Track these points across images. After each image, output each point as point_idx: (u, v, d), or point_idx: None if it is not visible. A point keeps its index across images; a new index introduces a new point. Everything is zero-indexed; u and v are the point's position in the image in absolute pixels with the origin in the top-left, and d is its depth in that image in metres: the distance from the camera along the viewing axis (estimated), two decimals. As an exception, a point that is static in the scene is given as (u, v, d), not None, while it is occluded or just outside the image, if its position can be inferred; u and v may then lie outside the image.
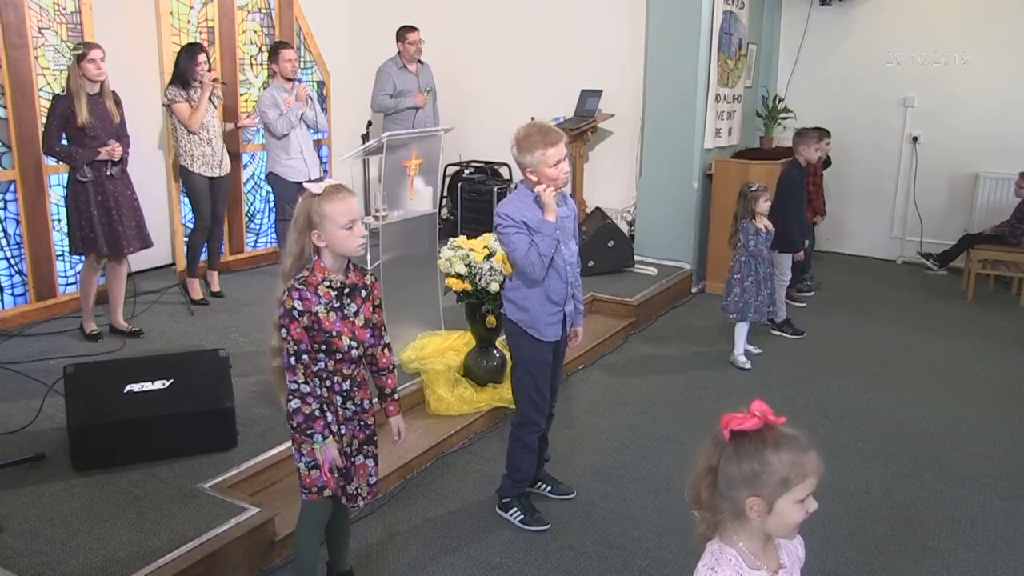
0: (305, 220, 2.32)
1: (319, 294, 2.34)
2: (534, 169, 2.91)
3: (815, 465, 1.50)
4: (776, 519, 1.51)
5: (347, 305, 2.39)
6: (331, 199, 2.29)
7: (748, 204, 4.86)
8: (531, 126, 2.95)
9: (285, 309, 2.32)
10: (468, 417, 4.04)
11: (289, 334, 2.33)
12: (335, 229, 2.29)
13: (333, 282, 2.37)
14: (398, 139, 4.46)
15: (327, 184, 2.33)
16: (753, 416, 1.50)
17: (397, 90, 6.68)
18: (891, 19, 7.34)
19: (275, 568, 2.95)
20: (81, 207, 4.47)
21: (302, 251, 2.36)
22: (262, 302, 5.56)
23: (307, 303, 2.32)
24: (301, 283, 2.32)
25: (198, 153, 5.30)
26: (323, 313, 2.33)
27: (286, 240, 2.41)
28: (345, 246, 2.32)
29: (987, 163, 7.12)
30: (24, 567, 2.64)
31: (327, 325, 2.34)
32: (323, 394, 2.40)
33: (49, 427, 3.57)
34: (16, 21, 4.83)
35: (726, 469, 1.51)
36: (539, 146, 2.87)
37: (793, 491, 1.48)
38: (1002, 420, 4.31)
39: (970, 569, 3.03)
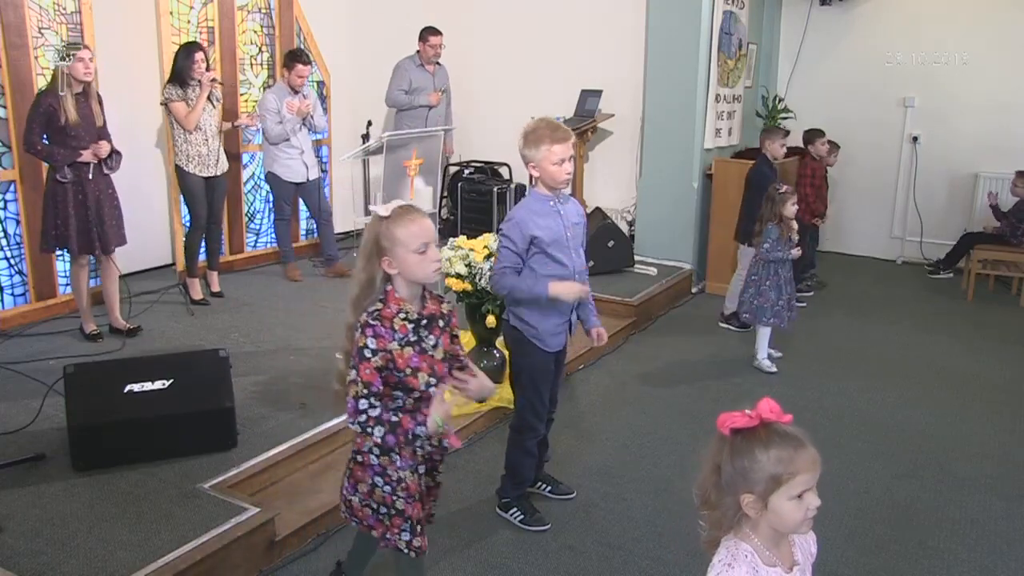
0: (374, 245, 2.12)
1: (394, 328, 2.12)
2: (537, 164, 2.87)
3: (808, 462, 1.50)
4: (774, 516, 1.52)
5: (425, 338, 2.18)
6: (401, 221, 2.10)
7: (775, 207, 4.77)
8: (540, 120, 2.89)
9: (357, 348, 2.10)
10: (468, 417, 4.03)
11: (359, 375, 2.09)
12: (407, 254, 2.10)
13: (410, 313, 2.15)
14: (398, 139, 4.46)
15: (396, 205, 2.13)
16: (745, 414, 1.52)
17: (412, 87, 6.71)
18: (891, 19, 7.34)
19: (275, 568, 2.95)
20: (58, 205, 4.46)
21: (371, 279, 2.15)
22: (262, 302, 5.57)
23: (381, 340, 2.09)
24: (375, 317, 2.11)
25: (194, 153, 5.30)
26: (398, 349, 2.12)
27: (359, 266, 2.19)
28: (419, 272, 2.13)
29: (987, 163, 7.12)
30: (24, 567, 2.64)
31: (401, 363, 2.12)
32: None
33: (49, 427, 3.57)
34: (16, 21, 4.83)
35: (724, 467, 1.54)
36: (545, 140, 2.82)
37: (784, 488, 1.49)
38: (1002, 420, 4.31)
39: (970, 569, 3.03)
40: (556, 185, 2.90)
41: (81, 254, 4.57)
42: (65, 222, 4.46)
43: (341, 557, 2.75)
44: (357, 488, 2.26)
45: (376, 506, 2.24)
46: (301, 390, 4.07)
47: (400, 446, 2.14)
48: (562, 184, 2.90)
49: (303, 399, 3.95)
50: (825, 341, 5.50)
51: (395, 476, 2.21)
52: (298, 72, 5.83)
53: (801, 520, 1.52)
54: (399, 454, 2.19)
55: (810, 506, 1.51)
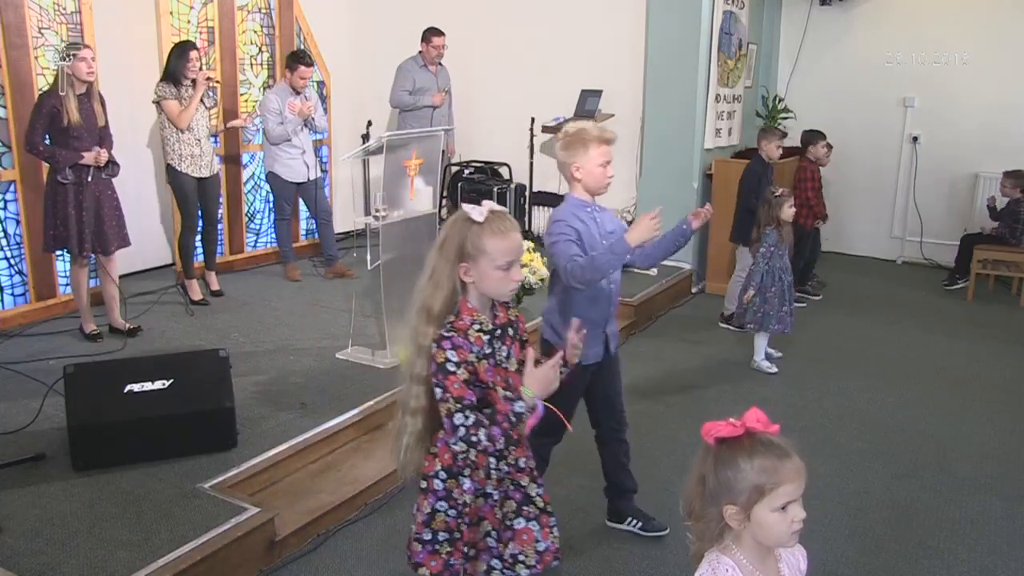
0: (457, 249, 1.96)
1: (470, 339, 1.97)
2: (582, 166, 2.76)
3: (793, 473, 1.46)
4: (757, 528, 1.47)
5: (499, 350, 2.03)
6: (494, 232, 1.93)
7: (772, 211, 4.74)
8: (583, 122, 2.82)
9: (437, 364, 1.94)
10: (468, 417, 4.03)
11: (448, 391, 1.93)
12: (491, 268, 1.94)
13: (484, 324, 2.00)
14: (398, 139, 4.46)
15: (489, 209, 1.96)
16: (729, 423, 1.49)
17: (416, 88, 6.72)
18: (891, 19, 7.34)
19: (275, 568, 2.94)
20: (58, 206, 4.46)
21: (454, 287, 1.99)
22: (262, 302, 5.57)
23: (461, 352, 1.94)
24: (450, 329, 1.96)
25: (186, 153, 5.29)
26: (477, 362, 1.98)
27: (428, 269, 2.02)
28: (497, 288, 1.98)
29: (987, 163, 7.12)
30: (24, 567, 2.64)
31: (482, 376, 1.98)
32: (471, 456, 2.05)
33: (49, 427, 3.56)
34: (16, 21, 4.83)
35: (708, 478, 1.50)
36: (593, 140, 2.73)
37: (768, 499, 1.44)
38: (1002, 420, 4.31)
39: (970, 569, 3.03)
40: (599, 188, 2.81)
41: (81, 254, 4.58)
42: (65, 222, 4.46)
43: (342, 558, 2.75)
44: (415, 518, 2.12)
45: (431, 536, 2.09)
46: (301, 390, 4.07)
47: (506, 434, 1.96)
48: (605, 188, 2.81)
49: (303, 399, 3.95)
50: (825, 341, 5.50)
51: (462, 500, 2.07)
52: (300, 74, 5.84)
53: (785, 533, 1.47)
54: (469, 477, 2.06)
55: (795, 518, 1.47)
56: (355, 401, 3.93)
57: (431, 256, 2.02)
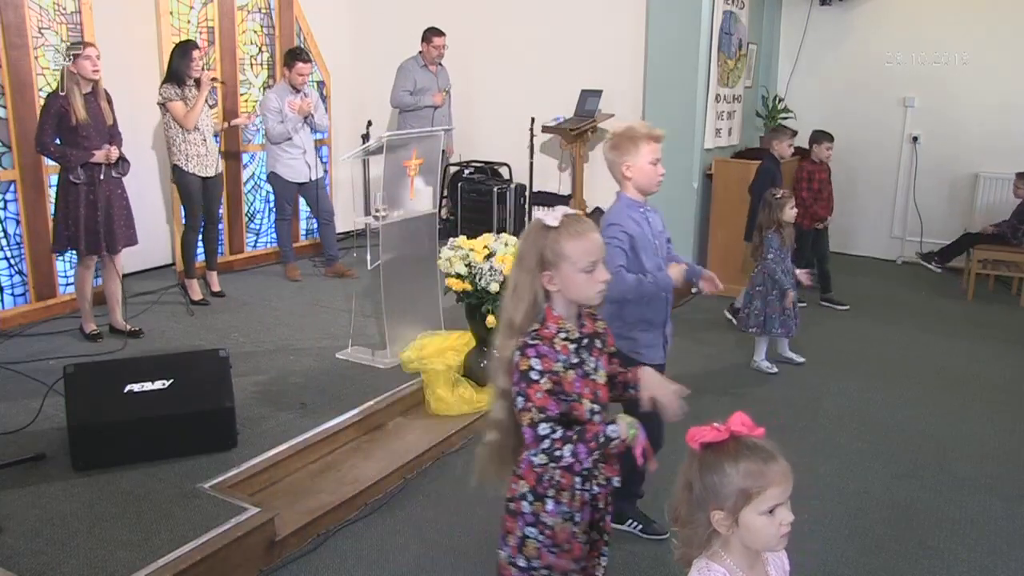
0: (537, 258, 1.91)
1: (556, 348, 1.90)
2: (633, 164, 2.75)
3: (779, 476, 1.45)
4: (746, 533, 1.46)
5: (587, 360, 1.96)
6: (572, 234, 1.89)
7: (773, 213, 4.71)
8: (632, 122, 2.82)
9: (520, 372, 1.87)
10: (468, 417, 4.03)
11: (530, 400, 1.85)
12: (574, 272, 1.89)
13: (570, 333, 1.94)
14: (398, 139, 4.46)
15: (563, 213, 1.92)
16: (714, 428, 1.48)
17: (417, 88, 6.73)
18: (891, 19, 7.34)
19: (275, 568, 2.94)
20: (70, 206, 4.46)
21: (535, 298, 1.92)
22: (262, 302, 5.57)
23: (546, 361, 1.87)
24: (534, 337, 1.89)
25: (192, 153, 5.29)
26: (563, 372, 1.90)
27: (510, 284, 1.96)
28: (584, 292, 1.92)
29: (987, 163, 7.13)
30: (24, 567, 2.64)
31: (568, 387, 1.91)
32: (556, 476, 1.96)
33: (49, 427, 3.57)
34: (16, 21, 4.83)
35: (694, 483, 1.49)
36: (643, 138, 2.73)
37: (754, 502, 1.44)
38: (1002, 420, 4.31)
39: (970, 569, 3.03)
40: (650, 187, 2.79)
41: (89, 254, 4.58)
42: (76, 222, 4.46)
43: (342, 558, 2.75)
44: (507, 541, 2.02)
45: (526, 563, 1.99)
46: (301, 390, 4.07)
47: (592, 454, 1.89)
48: (656, 186, 2.80)
49: (303, 399, 3.95)
50: (825, 341, 5.50)
51: (550, 523, 1.97)
52: (299, 70, 5.84)
53: (774, 536, 1.46)
54: (554, 498, 1.96)
55: (783, 521, 1.46)
56: (355, 401, 3.94)
57: (512, 272, 1.98)
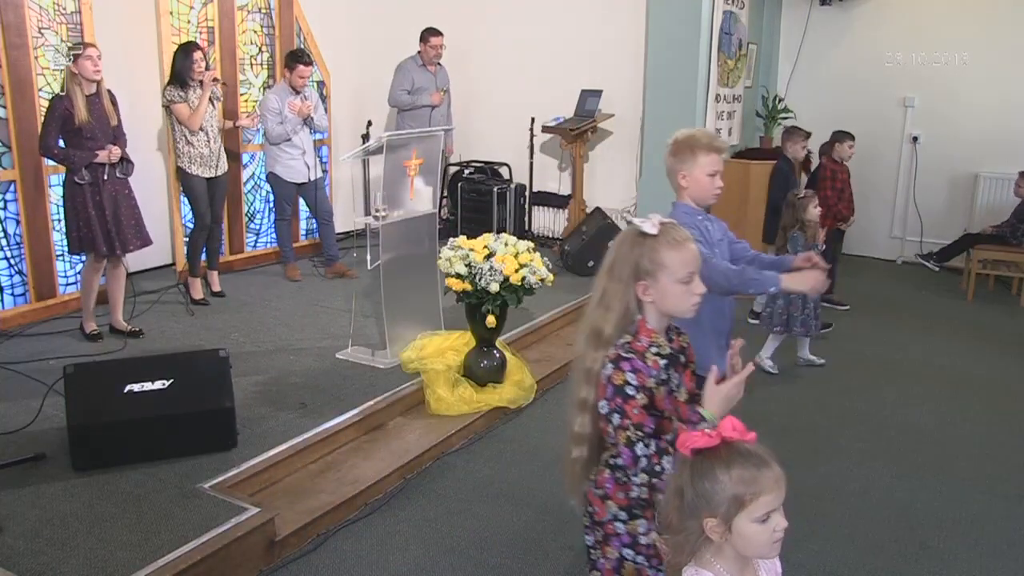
0: (632, 268, 1.83)
1: (647, 363, 1.82)
2: (688, 174, 2.63)
3: (772, 482, 1.42)
4: (739, 540, 1.44)
5: (672, 377, 1.87)
6: (671, 243, 1.81)
7: (796, 213, 4.70)
8: (695, 129, 2.69)
9: (615, 386, 1.79)
10: (468, 417, 4.04)
11: (628, 417, 1.77)
12: (671, 283, 1.82)
13: (662, 348, 1.85)
14: (398, 139, 4.46)
15: (660, 220, 1.84)
16: (704, 433, 1.45)
17: (415, 87, 6.73)
18: (891, 19, 7.34)
19: (275, 568, 2.95)
20: (79, 208, 4.46)
21: (627, 308, 1.85)
22: (262, 302, 5.57)
23: (641, 376, 1.79)
24: (628, 351, 1.81)
25: (196, 154, 5.30)
26: (655, 388, 1.82)
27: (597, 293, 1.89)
28: (680, 304, 1.85)
29: (987, 163, 7.12)
30: (24, 567, 2.64)
31: (659, 404, 1.83)
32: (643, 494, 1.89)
33: (49, 427, 3.56)
34: (16, 21, 4.83)
35: (686, 490, 1.46)
36: (701, 149, 2.60)
37: (748, 509, 1.41)
38: (1002, 420, 4.31)
39: (970, 569, 3.03)
40: (705, 199, 2.67)
41: (107, 255, 4.57)
42: (88, 223, 4.46)
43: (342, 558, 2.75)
44: (599, 565, 1.96)
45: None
46: (301, 390, 4.07)
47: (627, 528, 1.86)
48: (713, 199, 2.67)
49: (303, 399, 3.95)
50: (825, 342, 5.49)
51: (646, 542, 1.90)
52: (300, 73, 5.85)
53: (767, 543, 1.44)
54: (643, 515, 1.90)
55: (776, 528, 1.44)
56: (355, 401, 3.94)
57: (599, 280, 1.90)
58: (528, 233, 7.36)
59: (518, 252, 4.15)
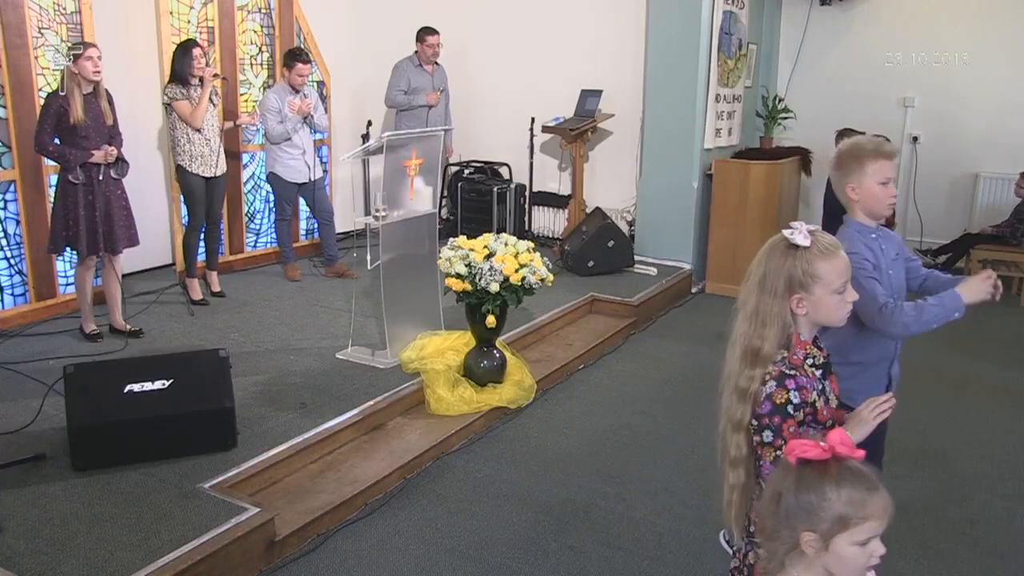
0: (785, 281, 1.77)
1: (808, 376, 1.79)
2: (858, 185, 2.45)
3: (881, 508, 1.40)
4: (834, 560, 1.41)
5: (827, 387, 1.87)
6: (824, 254, 1.76)
7: None
8: (861, 137, 2.54)
9: (775, 405, 1.72)
10: (468, 417, 4.04)
11: (779, 436, 1.72)
12: (827, 294, 1.77)
13: (817, 358, 1.84)
14: (398, 139, 4.46)
15: (808, 228, 1.78)
16: (818, 445, 1.42)
17: (411, 87, 6.74)
18: (891, 19, 7.34)
19: (275, 568, 2.95)
20: (69, 207, 4.45)
21: (784, 323, 1.79)
22: (262, 302, 5.57)
23: (805, 392, 1.74)
24: (790, 366, 1.76)
25: (196, 153, 5.30)
26: (818, 401, 1.78)
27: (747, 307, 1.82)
28: (834, 315, 1.81)
29: (987, 163, 7.12)
30: (24, 567, 2.64)
31: (822, 416, 1.79)
32: None
33: (49, 427, 3.57)
34: (16, 21, 4.83)
35: (787, 498, 1.43)
36: (869, 157, 2.43)
37: (851, 531, 1.39)
38: (1002, 420, 4.31)
39: (970, 569, 3.03)
40: (880, 211, 2.49)
41: (89, 255, 4.57)
42: (76, 223, 4.45)
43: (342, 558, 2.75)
44: None
45: None
46: (301, 390, 4.07)
47: None
48: (888, 210, 2.50)
49: (303, 399, 3.95)
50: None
51: None
52: (298, 71, 5.85)
53: (861, 568, 1.42)
54: None
55: (874, 553, 1.41)
56: (355, 401, 3.94)
57: (749, 294, 1.83)
58: (528, 233, 7.36)
59: (518, 252, 4.15)
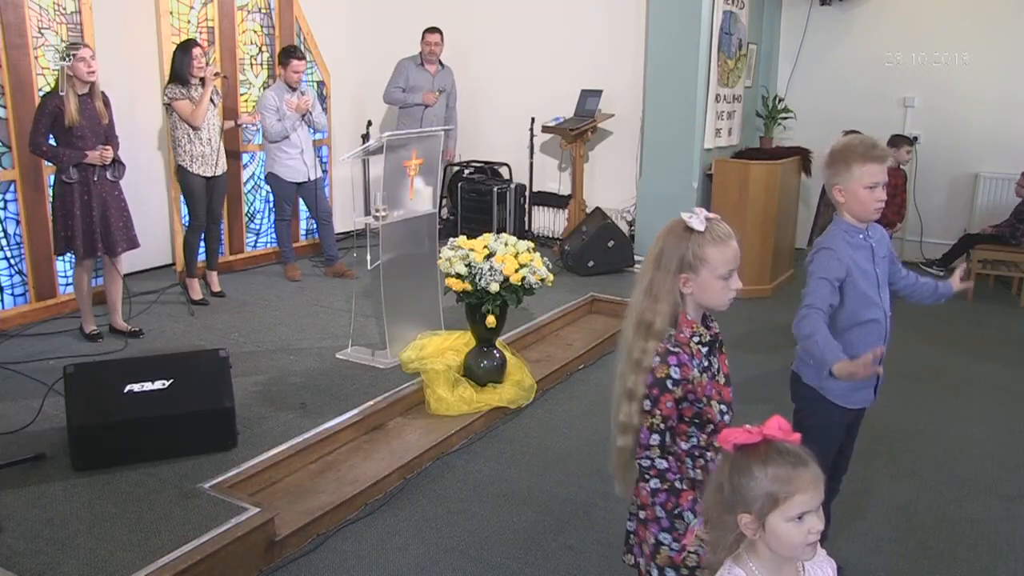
0: (678, 260, 1.88)
1: (692, 354, 1.90)
2: (844, 187, 2.46)
3: (808, 482, 1.43)
4: (772, 538, 1.45)
5: (713, 363, 1.97)
6: (717, 240, 1.86)
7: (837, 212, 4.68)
8: (854, 137, 2.53)
9: (656, 378, 1.86)
10: (468, 417, 4.04)
11: (656, 407, 1.86)
12: (713, 278, 1.87)
13: (703, 336, 1.94)
14: (398, 139, 4.46)
15: (705, 215, 1.89)
16: (746, 430, 1.46)
17: (409, 85, 6.75)
18: (891, 19, 7.34)
19: (275, 568, 2.94)
20: (67, 207, 4.46)
21: (675, 300, 1.90)
22: (262, 302, 5.57)
23: (685, 369, 1.86)
24: (675, 344, 1.88)
25: (197, 153, 5.30)
26: (698, 377, 1.90)
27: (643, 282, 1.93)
28: (717, 299, 1.90)
29: (987, 163, 7.12)
30: (24, 567, 2.64)
31: (701, 391, 1.90)
32: (697, 476, 1.94)
33: (49, 427, 3.57)
34: (16, 21, 4.83)
35: (724, 485, 1.48)
36: (857, 159, 2.42)
37: (782, 508, 1.42)
38: (1002, 420, 4.31)
39: (970, 569, 3.03)
40: (864, 215, 2.50)
41: (86, 257, 4.57)
42: (72, 224, 4.46)
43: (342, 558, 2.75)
44: (642, 549, 1.98)
45: (660, 570, 1.95)
46: (301, 390, 4.07)
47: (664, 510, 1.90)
48: (872, 215, 2.50)
49: (303, 399, 3.95)
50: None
51: (683, 530, 1.93)
52: (293, 68, 5.86)
53: (799, 544, 1.44)
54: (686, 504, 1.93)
55: (811, 529, 1.44)
56: (355, 401, 3.94)
57: (645, 269, 1.94)
58: (528, 233, 7.37)
59: (518, 252, 4.15)
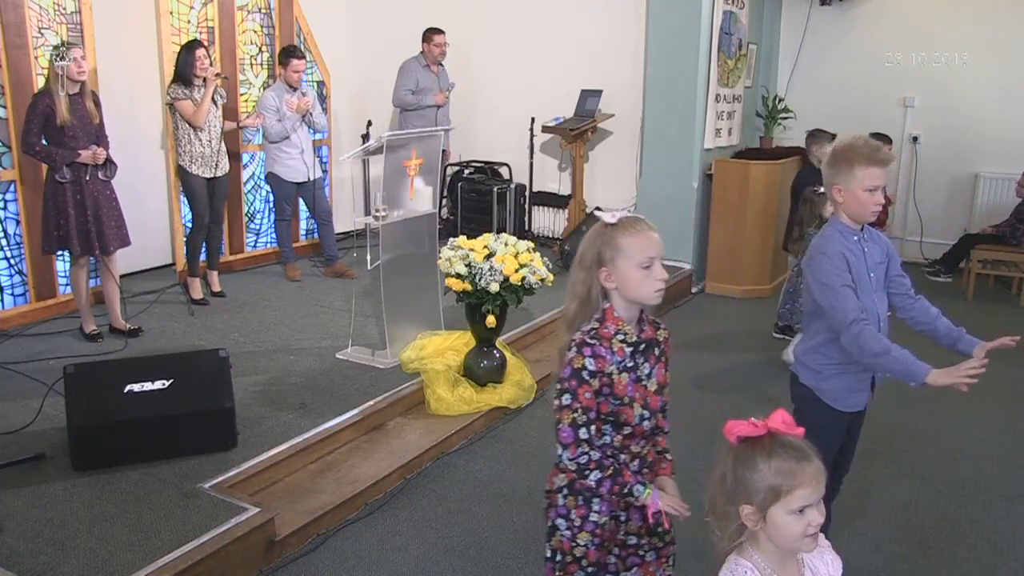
0: (594, 255, 1.93)
1: (612, 350, 1.92)
2: (844, 188, 2.45)
3: (810, 476, 1.45)
4: (772, 530, 1.47)
5: (640, 365, 1.96)
6: (628, 230, 1.90)
7: (815, 209, 4.63)
8: (858, 137, 2.50)
9: (573, 369, 1.89)
10: (468, 417, 4.04)
11: (576, 399, 1.88)
12: (630, 267, 1.89)
13: (628, 335, 1.94)
14: (398, 139, 4.46)
15: (623, 213, 1.95)
16: (751, 423, 1.49)
17: (419, 87, 6.75)
18: (891, 19, 7.34)
19: (275, 568, 2.95)
20: (59, 206, 4.45)
21: (589, 293, 1.95)
22: (262, 302, 5.57)
23: (600, 362, 1.89)
24: (593, 337, 1.91)
25: (197, 153, 5.31)
26: (616, 375, 1.91)
27: (568, 282, 2.00)
28: (640, 290, 1.91)
29: (987, 163, 7.12)
30: (24, 567, 2.64)
31: (619, 390, 1.91)
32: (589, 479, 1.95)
33: (49, 427, 3.57)
34: (16, 21, 4.83)
35: (727, 476, 1.51)
36: (860, 161, 2.42)
37: (783, 500, 1.44)
38: (1002, 420, 4.31)
39: (970, 569, 3.03)
40: (862, 217, 2.50)
41: (82, 255, 4.57)
42: (66, 223, 4.45)
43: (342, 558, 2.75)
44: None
45: (553, 553, 2.04)
46: (301, 390, 4.07)
47: (613, 495, 1.93)
48: (869, 217, 2.50)
49: (303, 399, 3.95)
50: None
51: (578, 521, 1.99)
52: (293, 67, 5.86)
53: (798, 536, 1.46)
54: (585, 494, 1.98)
55: (811, 522, 1.46)
56: (355, 401, 3.94)
57: (572, 271, 1.99)
58: (528, 233, 7.36)
59: (518, 252, 4.15)
